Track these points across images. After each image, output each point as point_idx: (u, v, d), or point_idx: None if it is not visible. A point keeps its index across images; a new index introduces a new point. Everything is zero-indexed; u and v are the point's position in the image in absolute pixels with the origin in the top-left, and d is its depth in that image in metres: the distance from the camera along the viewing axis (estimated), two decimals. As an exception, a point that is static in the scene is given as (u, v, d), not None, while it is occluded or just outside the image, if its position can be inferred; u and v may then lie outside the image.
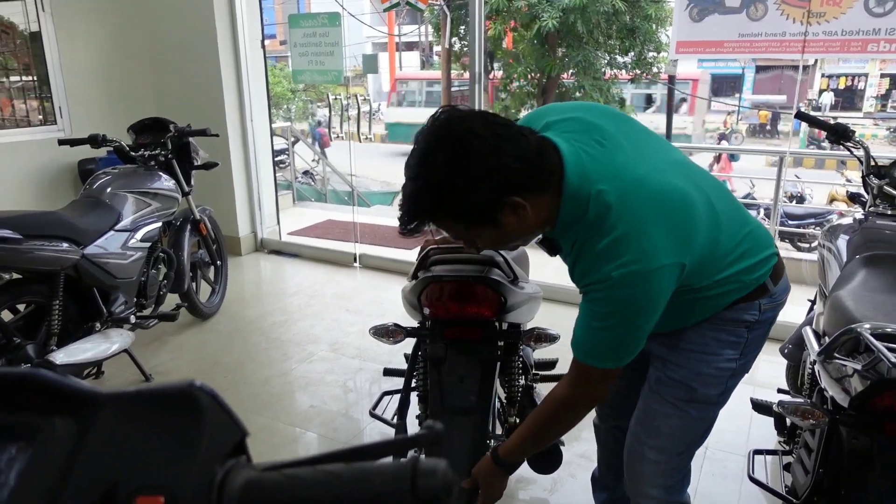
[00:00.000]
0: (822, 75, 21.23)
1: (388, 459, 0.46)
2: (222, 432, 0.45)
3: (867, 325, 1.25)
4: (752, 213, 6.54)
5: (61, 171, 4.33)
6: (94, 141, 3.04)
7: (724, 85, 23.69)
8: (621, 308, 1.13)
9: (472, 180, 1.06)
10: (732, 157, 12.38)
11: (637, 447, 1.45)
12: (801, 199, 9.28)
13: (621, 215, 1.10)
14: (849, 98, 21.30)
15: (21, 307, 2.63)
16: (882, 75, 20.47)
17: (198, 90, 4.63)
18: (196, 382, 0.46)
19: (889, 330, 1.24)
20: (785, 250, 6.83)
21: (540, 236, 1.29)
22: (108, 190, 2.90)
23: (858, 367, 1.24)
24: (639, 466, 1.46)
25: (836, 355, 1.33)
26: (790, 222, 8.25)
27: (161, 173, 3.19)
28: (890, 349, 1.16)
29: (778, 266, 1.35)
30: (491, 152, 1.06)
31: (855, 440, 1.25)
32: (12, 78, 4.40)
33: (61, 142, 3.09)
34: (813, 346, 1.42)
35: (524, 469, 2.21)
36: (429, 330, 1.70)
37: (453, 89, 10.87)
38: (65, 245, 2.52)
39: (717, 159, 11.43)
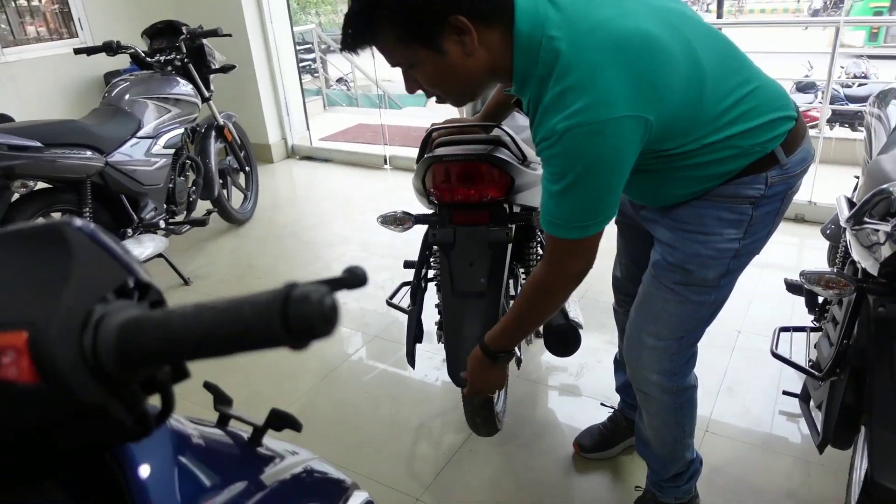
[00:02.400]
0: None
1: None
2: (100, 271, 0.42)
3: (901, 184, 1.14)
4: (809, 96, 6.00)
5: (89, 85, 4.34)
6: (109, 48, 3.00)
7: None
8: (572, 164, 1.01)
9: None
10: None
11: (635, 333, 1.39)
12: (865, 79, 8.57)
13: (571, 62, 0.98)
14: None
15: (56, 217, 2.70)
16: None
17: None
18: (68, 220, 0.43)
19: (928, 188, 1.13)
20: (843, 132, 6.40)
21: (514, 98, 1.18)
22: (127, 97, 2.88)
23: (888, 228, 1.14)
24: (636, 352, 1.40)
25: (867, 220, 1.22)
26: (850, 105, 7.67)
27: (178, 78, 3.15)
28: (924, 207, 1.06)
29: (795, 132, 1.19)
30: None
31: (882, 308, 1.17)
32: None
33: (77, 51, 3.05)
34: (844, 212, 1.31)
35: (553, 357, 2.23)
36: (436, 215, 1.66)
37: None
38: (88, 153, 2.54)
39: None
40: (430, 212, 1.76)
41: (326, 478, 0.75)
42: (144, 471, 0.54)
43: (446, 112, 4.91)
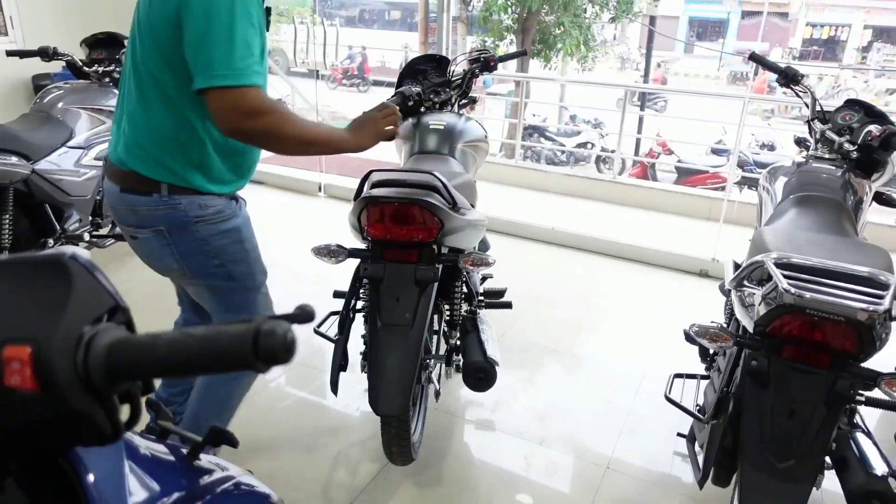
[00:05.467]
0: (807, 24, 21.08)
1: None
2: (93, 298, 0.49)
3: (774, 255, 1.32)
4: (722, 159, 6.57)
5: (14, 86, 4.18)
6: (45, 53, 2.95)
7: (708, 30, 23.41)
8: None
9: None
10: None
11: None
12: (772, 148, 9.40)
13: None
14: (830, 48, 21.22)
15: None
16: (865, 26, 20.40)
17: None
18: (68, 252, 0.50)
19: (795, 260, 1.32)
20: (748, 195, 6.94)
21: None
22: (60, 105, 2.84)
23: (761, 292, 1.32)
24: None
25: (746, 283, 1.41)
26: (758, 170, 8.38)
27: (115, 90, 3.11)
28: (789, 277, 1.24)
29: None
30: None
31: (755, 362, 1.34)
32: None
33: (9, 53, 2.98)
34: (729, 274, 1.50)
35: (471, 391, 2.33)
36: (369, 251, 1.75)
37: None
38: (14, 159, 2.49)
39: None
40: (363, 246, 1.85)
41: (254, 491, 0.81)
42: (99, 475, 0.59)
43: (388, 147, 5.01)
